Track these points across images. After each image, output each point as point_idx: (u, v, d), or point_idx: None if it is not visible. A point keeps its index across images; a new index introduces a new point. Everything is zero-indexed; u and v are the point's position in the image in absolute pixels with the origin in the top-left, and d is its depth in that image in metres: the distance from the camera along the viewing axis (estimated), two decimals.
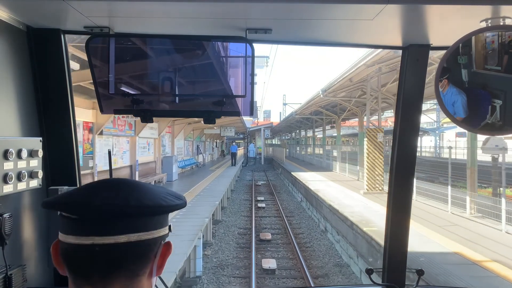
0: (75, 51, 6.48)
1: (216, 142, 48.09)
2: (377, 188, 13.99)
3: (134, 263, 0.67)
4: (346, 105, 20.36)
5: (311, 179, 19.31)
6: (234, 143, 39.58)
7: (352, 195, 13.94)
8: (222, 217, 14.44)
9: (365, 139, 14.26)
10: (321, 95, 16.96)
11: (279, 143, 70.10)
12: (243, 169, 38.42)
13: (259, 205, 17.40)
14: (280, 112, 60.10)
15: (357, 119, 23.50)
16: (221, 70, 1.49)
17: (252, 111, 1.41)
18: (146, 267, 0.69)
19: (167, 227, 0.74)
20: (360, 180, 17.27)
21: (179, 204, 0.73)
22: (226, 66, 1.49)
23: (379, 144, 14.10)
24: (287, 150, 46.91)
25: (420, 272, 1.74)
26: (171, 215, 1.01)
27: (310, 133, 40.80)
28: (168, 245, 0.73)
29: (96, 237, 0.63)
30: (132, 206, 0.65)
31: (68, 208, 0.67)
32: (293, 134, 55.94)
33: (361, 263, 8.47)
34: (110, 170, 1.19)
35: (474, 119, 1.35)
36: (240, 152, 50.24)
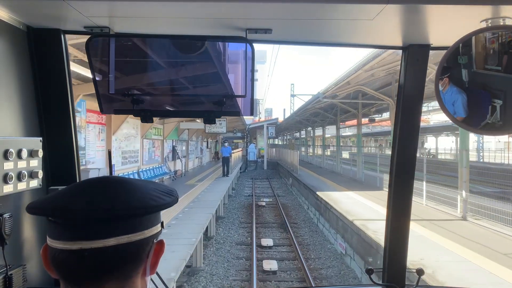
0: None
1: (207, 141, 36.84)
2: None
3: (125, 265, 0.65)
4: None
5: (365, 214, 10.20)
6: (226, 144, 24.94)
7: None
8: None
9: None
10: None
11: (282, 143, 64.50)
12: (241, 176, 29.82)
13: (266, 265, 9.08)
14: (284, 109, 58.28)
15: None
16: (221, 70, 1.49)
17: (252, 111, 1.41)
18: (138, 267, 0.68)
19: (159, 224, 0.73)
20: (470, 221, 9.29)
21: (170, 202, 0.71)
22: (226, 66, 1.49)
23: None
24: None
25: (420, 272, 1.74)
26: None
27: (327, 131, 32.75)
28: (161, 243, 0.72)
29: (84, 242, 0.62)
30: (119, 209, 0.63)
31: (53, 213, 0.65)
32: (302, 132, 44.72)
33: None
34: (110, 171, 1.23)
35: (474, 119, 1.35)
36: (238, 154, 37.24)
